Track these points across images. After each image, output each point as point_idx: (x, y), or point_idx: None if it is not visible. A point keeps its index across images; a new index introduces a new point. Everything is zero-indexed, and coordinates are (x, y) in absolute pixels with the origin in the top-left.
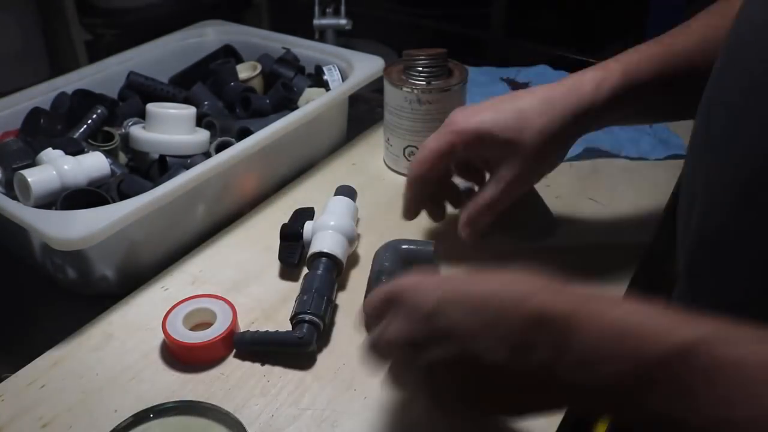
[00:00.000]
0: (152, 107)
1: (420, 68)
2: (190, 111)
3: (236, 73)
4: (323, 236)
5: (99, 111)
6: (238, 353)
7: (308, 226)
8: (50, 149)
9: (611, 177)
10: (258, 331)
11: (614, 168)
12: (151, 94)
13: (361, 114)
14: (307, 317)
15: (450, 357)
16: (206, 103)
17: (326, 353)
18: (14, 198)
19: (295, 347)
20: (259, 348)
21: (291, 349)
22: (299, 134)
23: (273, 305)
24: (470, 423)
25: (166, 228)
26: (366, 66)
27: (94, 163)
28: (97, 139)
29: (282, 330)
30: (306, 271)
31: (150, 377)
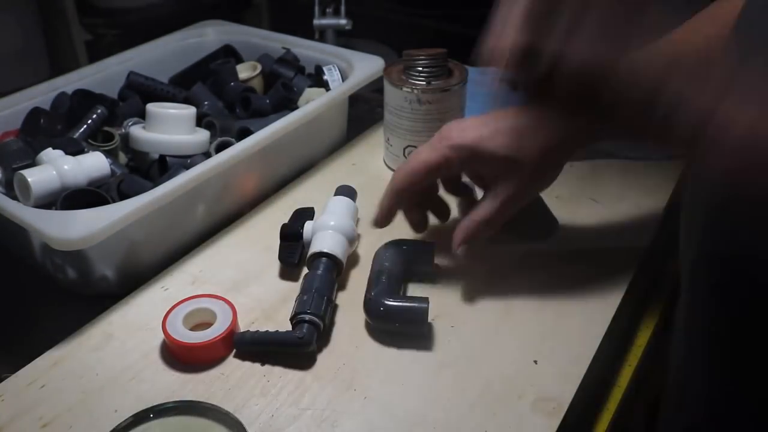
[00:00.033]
0: (152, 107)
1: (420, 68)
2: (190, 111)
3: (236, 73)
4: (323, 236)
5: (99, 111)
6: (238, 353)
7: (308, 226)
8: (50, 149)
9: (611, 177)
10: (258, 331)
11: (614, 168)
12: (151, 94)
13: (361, 114)
14: (307, 317)
15: None
16: (206, 103)
17: (326, 353)
18: (14, 198)
19: (295, 347)
20: (259, 348)
21: (291, 349)
22: (299, 134)
23: (273, 305)
24: None
25: (166, 228)
26: (366, 66)
27: (94, 163)
28: (97, 139)
29: (282, 330)
30: (306, 271)
31: (150, 377)
